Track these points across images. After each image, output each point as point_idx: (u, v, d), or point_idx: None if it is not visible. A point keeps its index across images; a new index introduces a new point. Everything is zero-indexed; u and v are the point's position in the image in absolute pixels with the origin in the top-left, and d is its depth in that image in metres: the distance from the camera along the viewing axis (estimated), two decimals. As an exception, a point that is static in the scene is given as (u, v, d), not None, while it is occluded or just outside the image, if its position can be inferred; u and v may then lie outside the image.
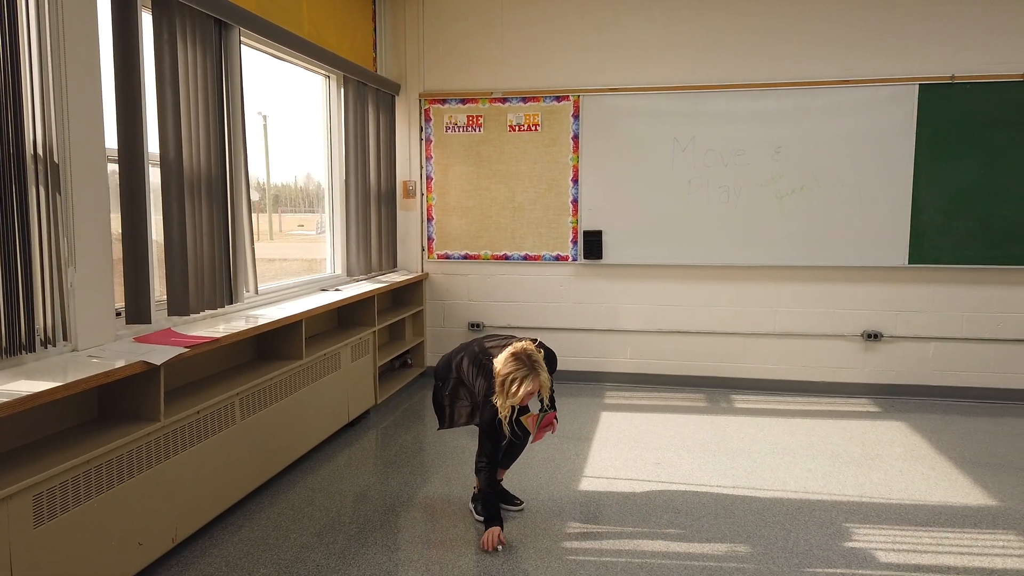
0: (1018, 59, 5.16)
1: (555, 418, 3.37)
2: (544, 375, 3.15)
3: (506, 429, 3.21)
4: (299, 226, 5.70)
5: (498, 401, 3.15)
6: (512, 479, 3.83)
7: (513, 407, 3.15)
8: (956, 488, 3.82)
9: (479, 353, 3.33)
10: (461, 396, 3.45)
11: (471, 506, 3.55)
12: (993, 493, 3.76)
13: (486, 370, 3.23)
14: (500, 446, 3.35)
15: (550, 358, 3.33)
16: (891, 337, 5.56)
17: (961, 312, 5.45)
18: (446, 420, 3.52)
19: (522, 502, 3.59)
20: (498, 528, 3.23)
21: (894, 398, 5.51)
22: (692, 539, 3.27)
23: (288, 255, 5.66)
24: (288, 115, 5.07)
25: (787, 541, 3.24)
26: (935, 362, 5.52)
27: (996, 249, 5.31)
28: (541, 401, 3.24)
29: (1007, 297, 5.39)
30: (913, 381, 5.55)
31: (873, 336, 5.56)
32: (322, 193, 5.46)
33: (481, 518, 3.42)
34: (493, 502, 3.33)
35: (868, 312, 5.57)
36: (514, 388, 3.08)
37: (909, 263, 5.40)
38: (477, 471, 3.35)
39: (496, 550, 3.17)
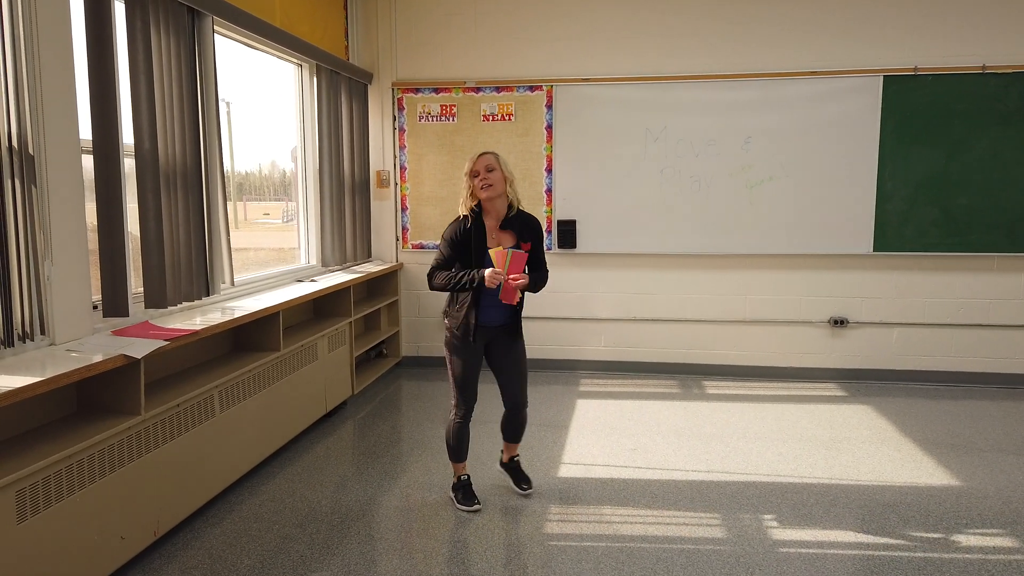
0: (978, 52, 5.30)
1: (525, 269, 3.28)
2: (502, 157, 3.33)
3: (466, 207, 3.30)
4: (264, 214, 5.64)
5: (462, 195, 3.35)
6: (490, 467, 3.88)
7: (475, 199, 3.30)
8: (921, 469, 3.96)
9: None
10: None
11: (451, 494, 3.59)
12: (956, 473, 3.90)
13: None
14: (452, 258, 3.30)
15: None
16: (857, 323, 5.70)
17: (923, 298, 5.61)
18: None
19: (530, 486, 3.65)
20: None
21: (860, 382, 5.67)
22: (669, 523, 3.35)
23: (257, 244, 5.61)
24: (253, 102, 5.01)
25: (760, 523, 3.33)
26: (899, 347, 5.68)
27: (956, 237, 5.47)
28: (512, 227, 3.31)
29: (967, 283, 5.56)
30: (878, 366, 5.71)
31: (839, 322, 5.70)
32: (288, 181, 5.43)
33: (462, 507, 3.46)
34: (463, 285, 3.24)
35: (834, 299, 5.71)
36: (472, 161, 3.30)
37: (874, 251, 5.54)
38: (430, 278, 3.34)
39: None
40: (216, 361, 3.80)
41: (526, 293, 3.37)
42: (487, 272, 3.16)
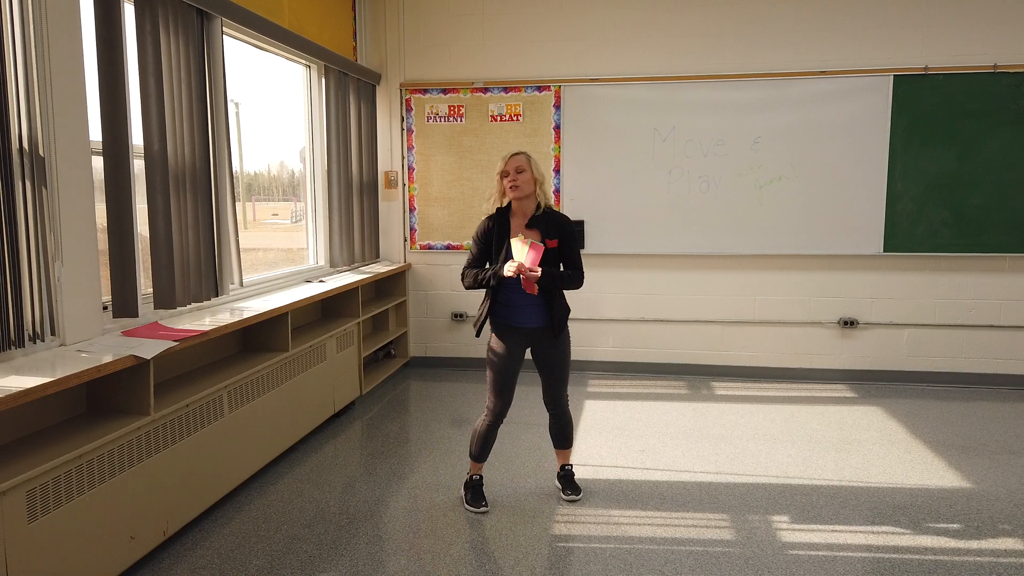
0: (989, 51, 5.26)
1: (560, 267, 3.35)
2: (534, 159, 3.33)
3: (493, 204, 3.36)
4: (273, 215, 5.66)
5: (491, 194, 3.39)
6: (499, 468, 3.88)
7: (503, 196, 3.34)
8: (931, 471, 3.93)
9: None
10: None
11: (461, 492, 3.59)
12: (967, 475, 3.87)
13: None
14: (480, 256, 3.38)
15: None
16: (867, 324, 5.67)
17: (934, 299, 5.58)
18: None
19: (574, 493, 3.59)
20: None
21: (870, 383, 5.64)
22: (677, 525, 3.34)
23: (265, 245, 5.61)
24: (261, 103, 5.03)
25: (770, 525, 3.32)
26: (909, 348, 5.64)
27: (967, 237, 5.43)
28: (539, 221, 3.31)
29: (978, 284, 5.52)
30: (888, 367, 5.68)
31: (849, 323, 5.68)
32: (297, 182, 5.44)
33: (470, 507, 3.46)
34: (484, 282, 3.32)
35: (844, 299, 5.68)
36: (503, 161, 3.30)
37: (884, 251, 5.51)
38: (462, 278, 3.41)
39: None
40: (225, 361, 3.81)
41: (564, 293, 3.44)
42: (506, 264, 3.19)
